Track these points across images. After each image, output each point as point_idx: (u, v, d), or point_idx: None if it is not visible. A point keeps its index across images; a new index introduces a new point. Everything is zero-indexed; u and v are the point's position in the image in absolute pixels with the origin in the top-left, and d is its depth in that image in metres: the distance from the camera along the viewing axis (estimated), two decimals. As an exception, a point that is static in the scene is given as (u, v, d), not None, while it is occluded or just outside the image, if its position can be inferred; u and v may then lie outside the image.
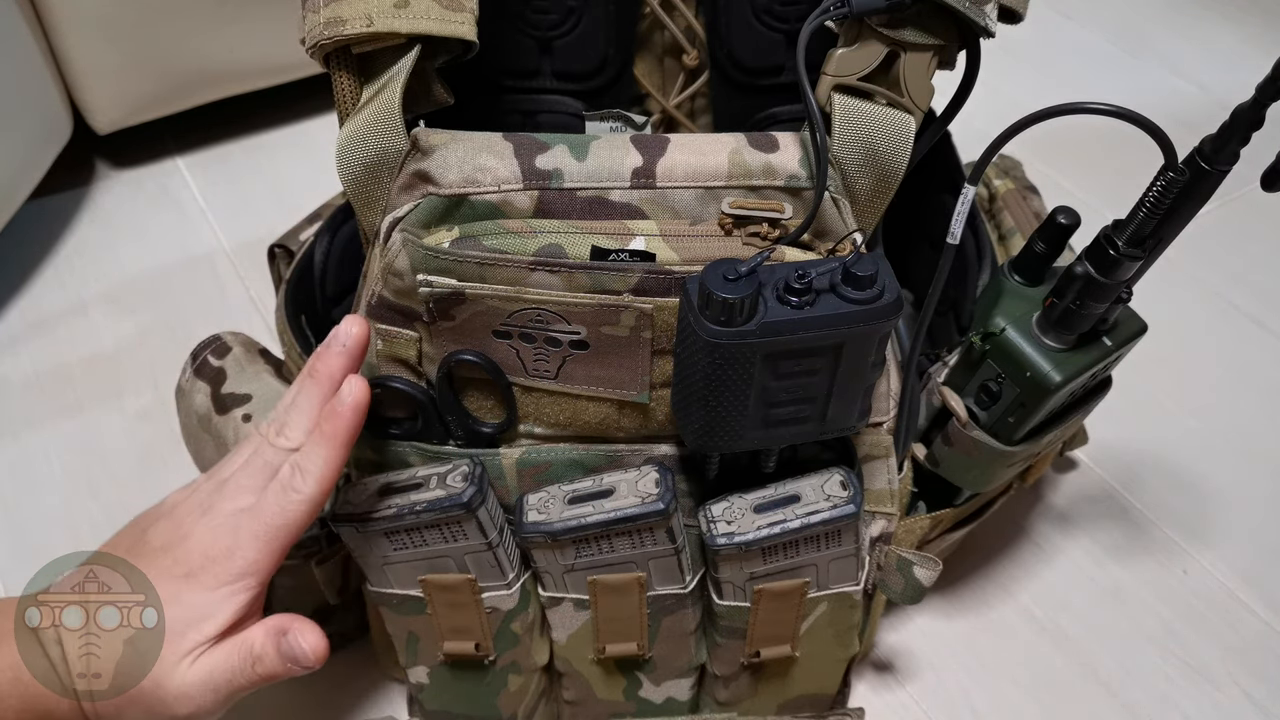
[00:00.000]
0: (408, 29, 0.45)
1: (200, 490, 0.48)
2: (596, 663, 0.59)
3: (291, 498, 0.46)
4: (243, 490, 0.46)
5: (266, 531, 0.45)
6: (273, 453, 0.47)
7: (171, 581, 0.45)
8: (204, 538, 0.45)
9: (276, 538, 0.45)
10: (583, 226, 0.46)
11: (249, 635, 0.46)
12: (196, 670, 0.44)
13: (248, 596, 0.45)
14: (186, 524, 0.46)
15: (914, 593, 0.56)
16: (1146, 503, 0.82)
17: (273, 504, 0.46)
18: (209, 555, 0.45)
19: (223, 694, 0.45)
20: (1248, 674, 0.71)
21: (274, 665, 0.46)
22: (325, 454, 0.46)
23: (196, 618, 0.44)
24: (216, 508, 0.46)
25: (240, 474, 0.47)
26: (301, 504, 0.46)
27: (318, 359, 0.48)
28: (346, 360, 0.48)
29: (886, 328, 0.44)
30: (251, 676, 0.45)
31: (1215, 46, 1.30)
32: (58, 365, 0.90)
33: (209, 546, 0.45)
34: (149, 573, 0.45)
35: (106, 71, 0.97)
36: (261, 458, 0.47)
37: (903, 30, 0.45)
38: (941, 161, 0.68)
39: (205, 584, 0.45)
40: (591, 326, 0.47)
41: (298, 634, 0.46)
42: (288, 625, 0.46)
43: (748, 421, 0.46)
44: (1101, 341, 0.53)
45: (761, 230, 0.46)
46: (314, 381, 0.48)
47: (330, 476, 0.46)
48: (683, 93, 0.67)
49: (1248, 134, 0.46)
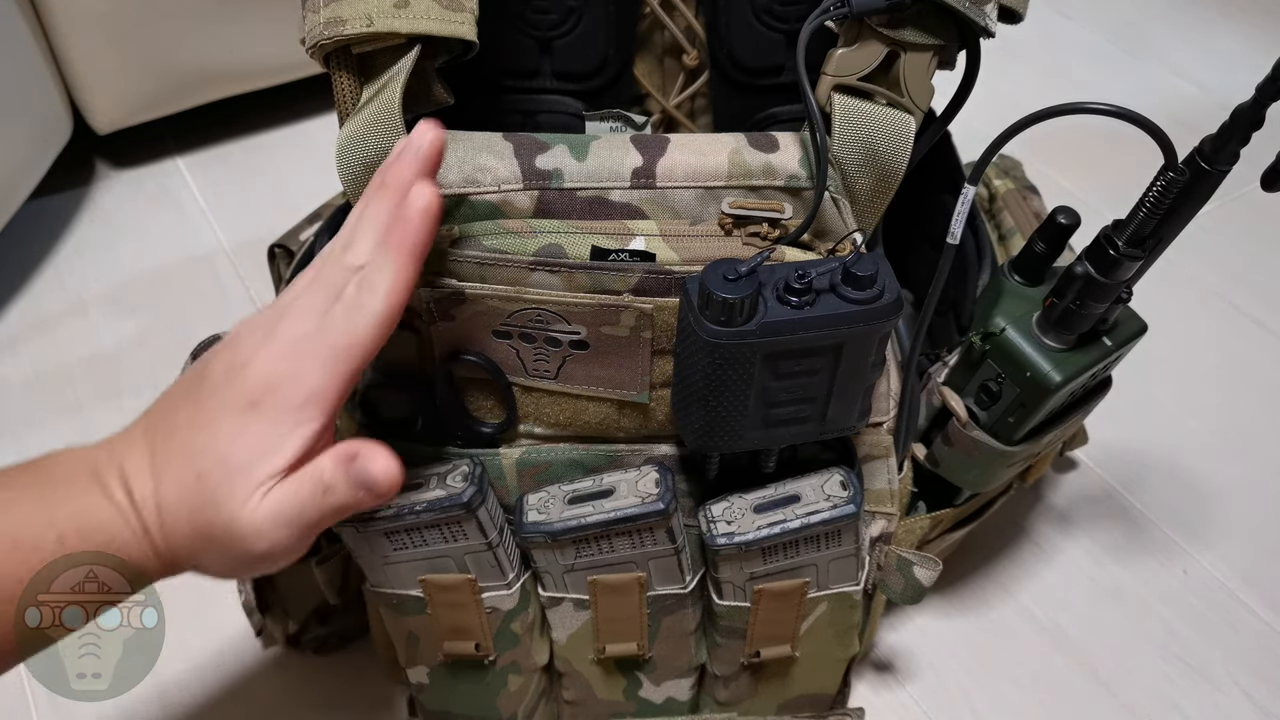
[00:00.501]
0: (408, 29, 0.45)
1: (264, 316, 0.44)
2: (596, 663, 0.59)
3: (357, 316, 0.41)
4: (307, 312, 0.42)
5: (332, 354, 0.41)
6: (338, 270, 0.43)
7: (236, 415, 0.41)
8: (265, 364, 0.42)
9: (343, 360, 0.41)
10: (583, 226, 0.46)
11: (318, 465, 0.42)
12: (268, 505, 0.41)
13: (316, 426, 0.42)
14: (247, 350, 0.42)
15: (914, 593, 0.56)
16: (1146, 503, 0.82)
17: (338, 324, 0.42)
18: (271, 383, 0.41)
19: (297, 528, 0.42)
20: (1248, 674, 0.71)
21: (345, 494, 0.42)
22: (394, 266, 0.42)
23: (264, 451, 0.41)
24: (279, 332, 0.42)
25: (304, 296, 0.43)
26: (369, 322, 0.41)
27: (388, 169, 0.44)
28: (421, 167, 0.43)
29: (886, 328, 0.44)
30: (324, 508, 0.42)
31: (1215, 46, 1.30)
32: (58, 365, 0.90)
33: (270, 373, 0.41)
34: (210, 407, 0.42)
35: (106, 71, 0.97)
36: (326, 278, 0.43)
37: (903, 30, 0.45)
38: (941, 161, 0.68)
39: (270, 415, 0.41)
40: (591, 326, 0.47)
41: (367, 458, 0.42)
42: (357, 450, 0.42)
43: (748, 421, 0.46)
44: (1101, 341, 0.53)
45: (761, 230, 0.46)
46: (384, 192, 0.43)
47: (401, 291, 0.42)
48: (683, 93, 0.67)
49: (1248, 134, 0.46)
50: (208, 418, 0.42)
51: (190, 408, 0.42)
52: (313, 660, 0.71)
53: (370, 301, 0.41)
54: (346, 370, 0.42)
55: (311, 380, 0.41)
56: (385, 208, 0.43)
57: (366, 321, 0.41)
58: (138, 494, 0.41)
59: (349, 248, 0.43)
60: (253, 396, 0.41)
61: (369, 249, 0.42)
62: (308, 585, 0.66)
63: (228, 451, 0.41)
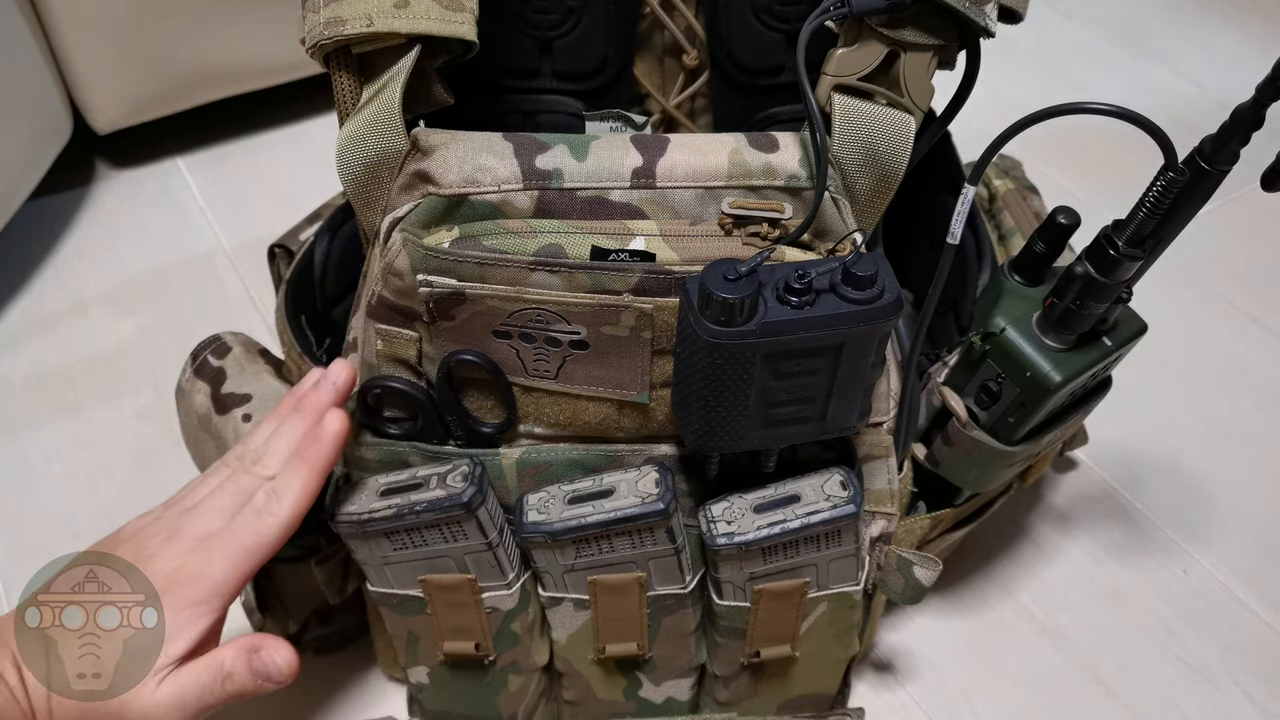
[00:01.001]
0: (408, 29, 0.45)
1: (164, 517, 0.48)
2: (596, 663, 0.59)
3: (266, 520, 0.46)
4: (215, 513, 0.47)
5: (238, 553, 0.46)
6: (248, 479, 0.48)
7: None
8: (171, 560, 0.46)
9: (248, 559, 0.46)
10: (583, 226, 0.46)
11: (218, 654, 0.46)
12: (164, 690, 0.44)
13: (214, 618, 0.46)
14: (151, 547, 0.46)
15: (914, 593, 0.56)
16: (1146, 503, 0.82)
17: (248, 525, 0.46)
18: (175, 578, 0.45)
19: (191, 712, 0.45)
20: (1248, 674, 0.71)
21: (245, 682, 0.46)
22: (303, 479, 0.47)
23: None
24: (185, 531, 0.46)
25: (211, 499, 0.48)
26: (275, 526, 0.46)
27: (306, 396, 0.50)
28: (333, 398, 0.50)
29: (886, 328, 0.44)
30: (222, 694, 0.46)
31: (1215, 46, 1.30)
32: (58, 365, 0.90)
33: (176, 568, 0.45)
34: None
35: (106, 71, 0.97)
36: (235, 484, 0.48)
37: (903, 30, 0.45)
38: (941, 161, 0.68)
39: (171, 605, 0.45)
40: (591, 326, 0.47)
41: (270, 650, 0.47)
42: (259, 643, 0.47)
43: (748, 421, 0.46)
44: (1101, 341, 0.53)
45: (761, 230, 0.46)
46: (299, 415, 0.49)
47: (304, 502, 0.47)
48: (683, 93, 0.67)
49: (1248, 134, 0.46)
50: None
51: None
52: (313, 660, 0.71)
53: (279, 508, 0.47)
54: (249, 567, 0.46)
55: (217, 574, 0.45)
56: (299, 429, 0.49)
57: (274, 524, 0.46)
58: (29, 678, 0.44)
59: (260, 460, 0.48)
60: (155, 590, 0.45)
61: (279, 463, 0.48)
62: (308, 585, 0.66)
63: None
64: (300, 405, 0.50)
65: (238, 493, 0.48)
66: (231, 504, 0.47)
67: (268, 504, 0.47)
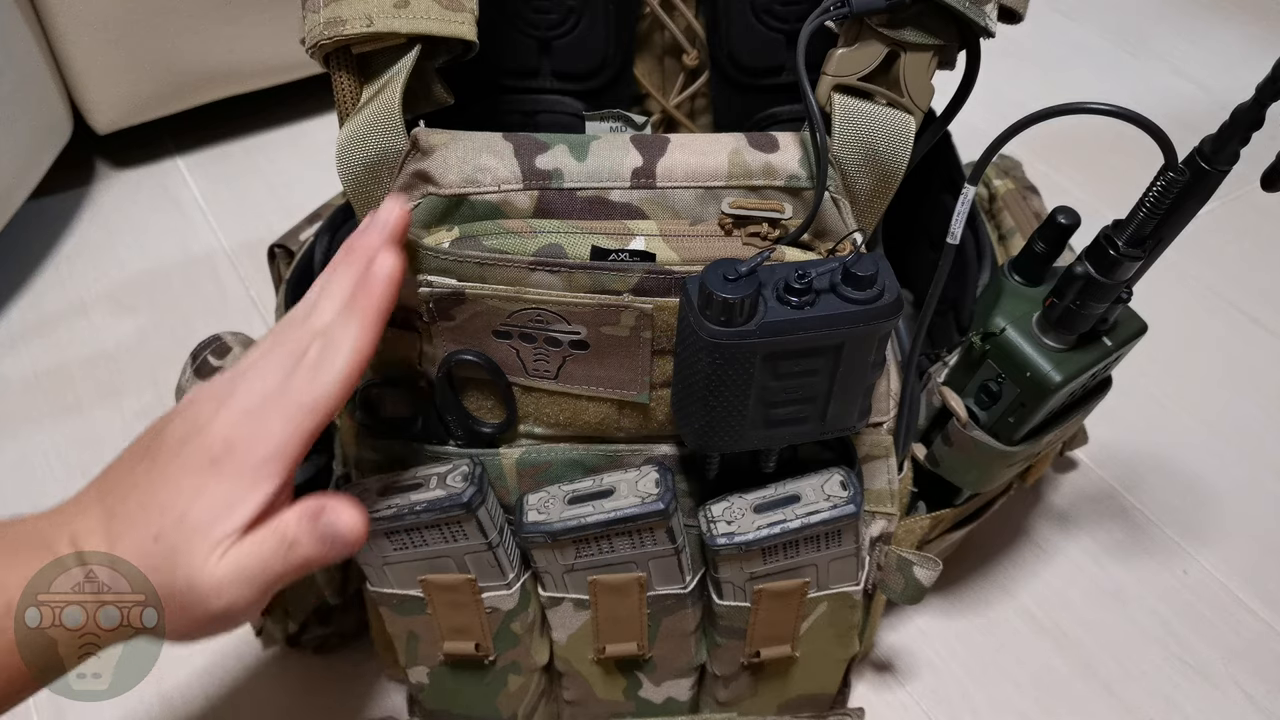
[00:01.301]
0: (408, 29, 0.45)
1: (216, 383, 0.45)
2: (596, 663, 0.59)
3: (323, 374, 0.42)
4: (269, 372, 0.43)
5: (297, 411, 0.42)
6: (302, 334, 0.44)
7: (194, 474, 0.42)
8: (225, 424, 0.42)
9: (307, 418, 0.42)
10: (583, 226, 0.46)
11: (281, 520, 0.42)
12: (228, 563, 0.41)
13: (277, 483, 0.42)
14: (205, 414, 0.43)
15: (914, 593, 0.56)
16: (1146, 503, 0.82)
17: (303, 382, 0.42)
18: (232, 442, 0.42)
19: (258, 584, 0.42)
20: (1248, 674, 0.71)
21: (310, 548, 0.42)
22: (357, 329, 0.43)
23: (223, 509, 0.41)
24: (237, 395, 0.43)
25: (263, 361, 0.44)
26: (334, 379, 0.42)
27: (355, 238, 0.45)
28: (383, 239, 0.45)
29: (886, 328, 0.44)
30: (288, 563, 0.42)
31: (1215, 46, 1.30)
32: (58, 365, 0.90)
33: (231, 433, 0.42)
34: (168, 468, 0.42)
35: (106, 71, 0.97)
36: (288, 341, 0.44)
37: (903, 30, 0.45)
38: (941, 161, 0.68)
39: (229, 472, 0.41)
40: (591, 326, 0.47)
41: (334, 511, 0.42)
42: (323, 505, 0.43)
43: (748, 421, 0.46)
44: (1101, 341, 0.53)
45: (761, 230, 0.46)
46: (349, 261, 0.45)
47: (363, 353, 0.43)
48: (683, 93, 0.67)
49: (1248, 134, 0.46)
50: (165, 478, 0.42)
51: (147, 470, 0.43)
52: (313, 660, 0.71)
53: (335, 360, 0.42)
54: (309, 427, 0.42)
55: (275, 438, 0.42)
56: (351, 275, 0.44)
57: (331, 379, 0.42)
58: (90, 558, 0.42)
59: (312, 313, 0.44)
60: (213, 455, 0.42)
61: (333, 313, 0.44)
62: (308, 585, 0.66)
63: (186, 511, 0.41)
64: (352, 247, 0.45)
65: (290, 351, 0.43)
66: (285, 363, 0.43)
67: (321, 358, 0.43)
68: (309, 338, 0.44)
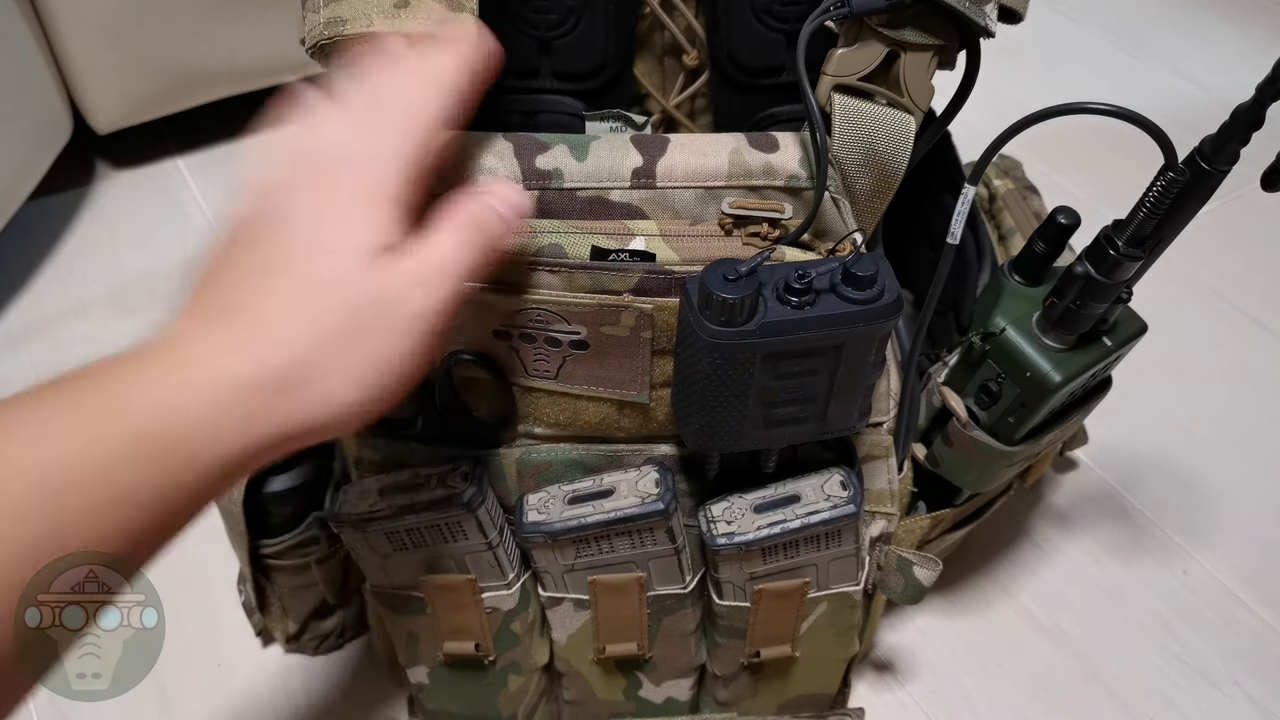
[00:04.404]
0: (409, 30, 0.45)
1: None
2: (596, 663, 0.59)
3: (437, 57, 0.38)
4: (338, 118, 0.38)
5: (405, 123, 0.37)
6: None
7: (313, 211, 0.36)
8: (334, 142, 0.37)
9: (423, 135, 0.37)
10: (583, 226, 0.46)
11: (449, 213, 0.38)
12: (411, 261, 0.36)
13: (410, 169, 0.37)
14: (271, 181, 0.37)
15: (914, 592, 0.56)
16: (1146, 503, 0.82)
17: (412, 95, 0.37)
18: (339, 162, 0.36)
19: (451, 276, 0.37)
20: (1248, 674, 0.71)
21: (491, 220, 0.39)
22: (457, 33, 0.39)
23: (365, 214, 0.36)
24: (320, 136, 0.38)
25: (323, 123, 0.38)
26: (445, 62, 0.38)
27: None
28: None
29: (886, 328, 0.44)
30: (475, 245, 0.38)
31: (1215, 46, 1.30)
32: (58, 365, 0.89)
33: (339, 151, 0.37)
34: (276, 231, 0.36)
35: (106, 71, 0.97)
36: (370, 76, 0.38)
37: (903, 30, 0.45)
38: (942, 162, 0.68)
39: (348, 189, 0.36)
40: (591, 326, 0.47)
41: (490, 187, 0.40)
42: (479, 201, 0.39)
43: (748, 422, 0.46)
44: (1101, 341, 0.53)
45: (761, 230, 0.46)
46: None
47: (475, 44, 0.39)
48: (683, 93, 0.67)
49: (1248, 134, 0.46)
50: (280, 241, 0.35)
51: (244, 252, 0.36)
52: (313, 660, 0.71)
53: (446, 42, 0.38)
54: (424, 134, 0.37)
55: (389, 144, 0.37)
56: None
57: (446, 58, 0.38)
58: (211, 349, 0.35)
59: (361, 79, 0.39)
60: (320, 177, 0.36)
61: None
62: (308, 585, 0.66)
63: (319, 236, 0.35)
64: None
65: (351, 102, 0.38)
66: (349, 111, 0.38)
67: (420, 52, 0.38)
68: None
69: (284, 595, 0.67)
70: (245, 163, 0.39)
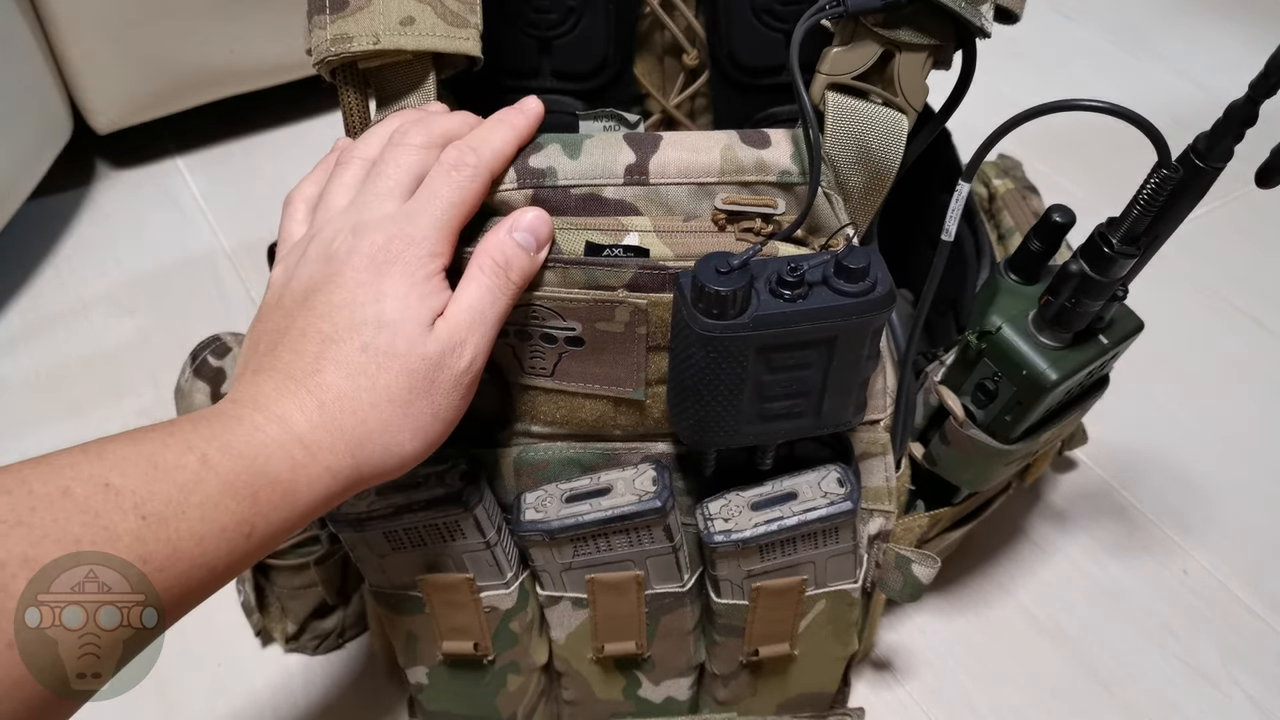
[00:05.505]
0: (414, 46, 0.45)
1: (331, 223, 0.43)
2: (595, 662, 0.59)
3: (463, 173, 0.43)
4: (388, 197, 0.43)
5: (443, 210, 0.42)
6: (416, 154, 0.44)
7: (365, 285, 0.41)
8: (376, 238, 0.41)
9: (452, 216, 0.42)
10: (577, 223, 0.46)
11: (477, 261, 0.43)
12: (450, 318, 0.41)
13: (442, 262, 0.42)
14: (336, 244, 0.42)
15: (913, 590, 0.56)
16: (1146, 502, 0.81)
17: (439, 185, 0.42)
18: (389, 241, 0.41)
19: (489, 323, 0.43)
20: (1248, 674, 0.71)
21: (521, 257, 0.44)
22: (498, 135, 0.44)
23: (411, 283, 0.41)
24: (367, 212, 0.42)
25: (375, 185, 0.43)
26: (474, 175, 0.43)
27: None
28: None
29: (879, 320, 0.44)
30: (508, 284, 0.43)
31: (1215, 46, 1.30)
32: (58, 365, 0.90)
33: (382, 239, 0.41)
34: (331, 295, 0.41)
35: (106, 71, 0.97)
36: (401, 165, 0.43)
37: (898, 30, 0.45)
38: (941, 162, 0.68)
39: (400, 266, 0.41)
40: (586, 322, 0.47)
41: (517, 217, 0.44)
42: (501, 222, 0.44)
43: (742, 416, 0.46)
44: (1098, 339, 0.53)
45: (755, 226, 0.46)
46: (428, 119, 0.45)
47: (505, 155, 0.44)
48: (683, 93, 0.67)
49: (1241, 131, 0.45)
50: (332, 305, 0.40)
51: (301, 316, 0.41)
52: (313, 660, 0.71)
53: (473, 158, 0.43)
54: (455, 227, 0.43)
55: (429, 223, 0.42)
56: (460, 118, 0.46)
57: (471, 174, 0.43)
58: (281, 408, 0.39)
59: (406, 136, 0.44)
60: (375, 262, 0.41)
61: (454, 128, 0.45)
62: (306, 585, 0.66)
63: (380, 313, 0.40)
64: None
65: (408, 171, 0.43)
66: (406, 182, 0.43)
67: (461, 157, 0.43)
68: (429, 156, 0.43)
69: (283, 595, 0.67)
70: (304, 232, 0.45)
